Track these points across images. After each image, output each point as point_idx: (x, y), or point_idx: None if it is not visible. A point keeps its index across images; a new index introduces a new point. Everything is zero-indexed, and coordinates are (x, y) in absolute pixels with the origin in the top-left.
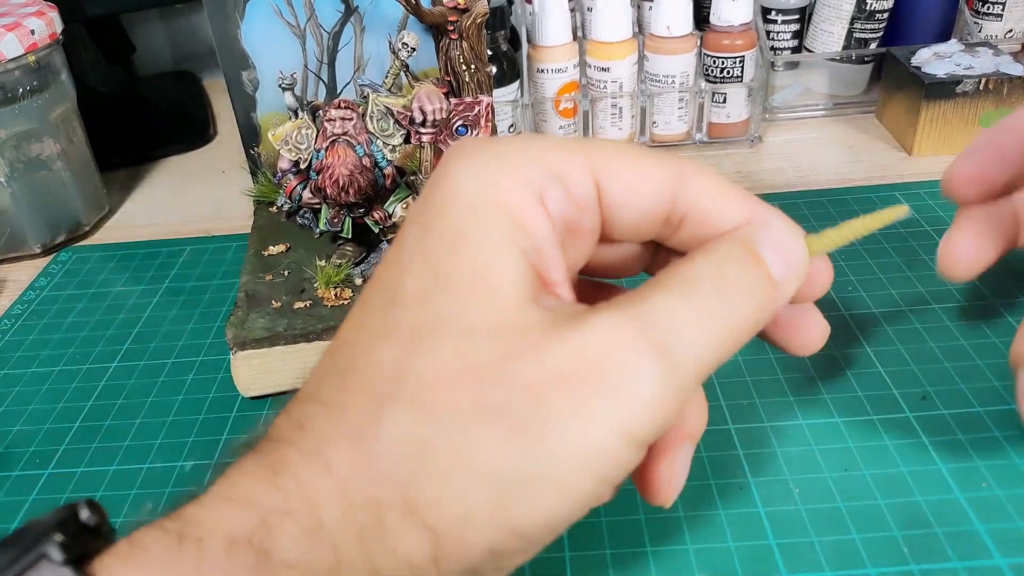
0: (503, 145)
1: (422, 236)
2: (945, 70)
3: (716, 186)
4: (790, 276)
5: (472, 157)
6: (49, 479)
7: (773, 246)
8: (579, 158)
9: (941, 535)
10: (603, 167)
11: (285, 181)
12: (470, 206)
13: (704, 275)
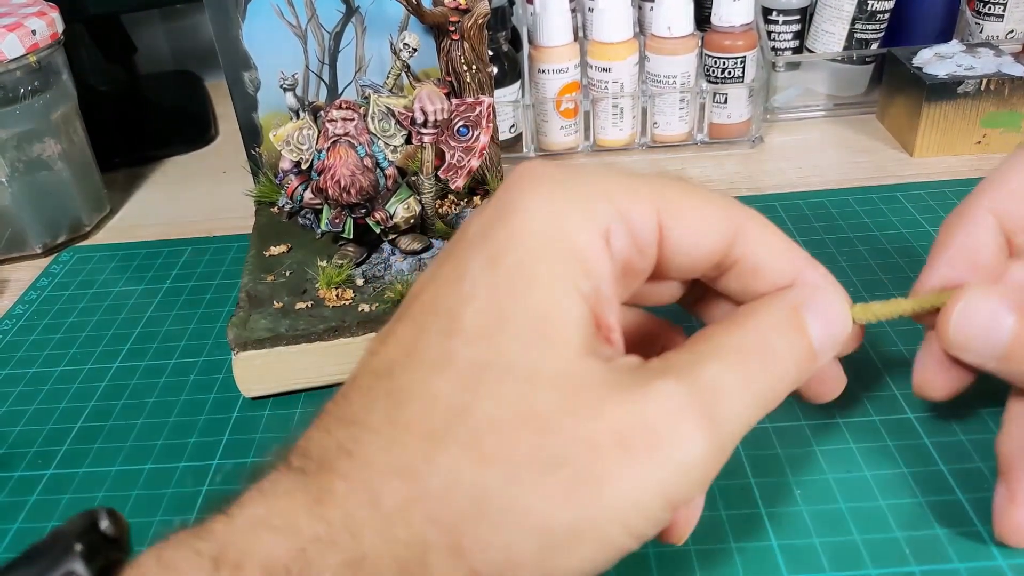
0: (573, 176)
1: (489, 268)
2: (946, 71)
3: (775, 241)
4: (830, 346)
5: (543, 186)
6: (51, 479)
7: (819, 315)
8: (647, 198)
9: (942, 536)
10: (668, 209)
11: (286, 181)
12: (539, 243)
13: (749, 344)
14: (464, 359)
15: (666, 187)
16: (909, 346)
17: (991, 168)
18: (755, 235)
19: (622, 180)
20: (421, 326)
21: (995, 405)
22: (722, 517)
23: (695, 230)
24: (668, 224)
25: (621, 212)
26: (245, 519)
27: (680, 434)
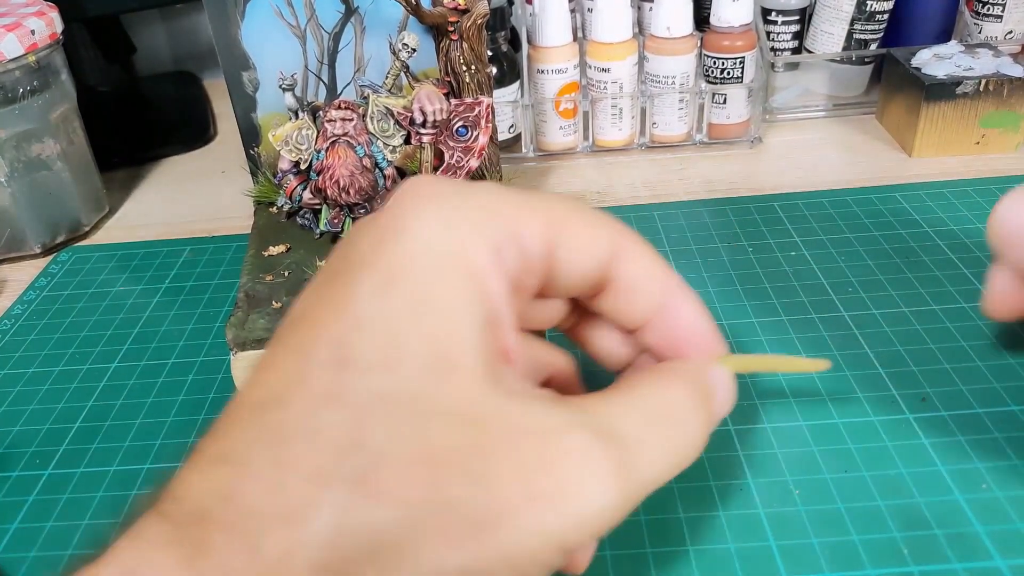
0: (463, 193)
1: (382, 293)
2: (945, 71)
3: (650, 262)
4: (724, 414)
5: (433, 203)
6: (49, 480)
7: (721, 388)
8: (538, 217)
9: (941, 536)
10: (557, 226)
11: (285, 182)
12: (435, 265)
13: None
14: (356, 392)
15: (556, 205)
16: (906, 347)
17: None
18: (633, 255)
19: (512, 197)
20: (307, 355)
21: (994, 406)
22: (720, 518)
23: (581, 247)
24: (556, 241)
25: (511, 229)
26: (112, 572)
27: (590, 486)
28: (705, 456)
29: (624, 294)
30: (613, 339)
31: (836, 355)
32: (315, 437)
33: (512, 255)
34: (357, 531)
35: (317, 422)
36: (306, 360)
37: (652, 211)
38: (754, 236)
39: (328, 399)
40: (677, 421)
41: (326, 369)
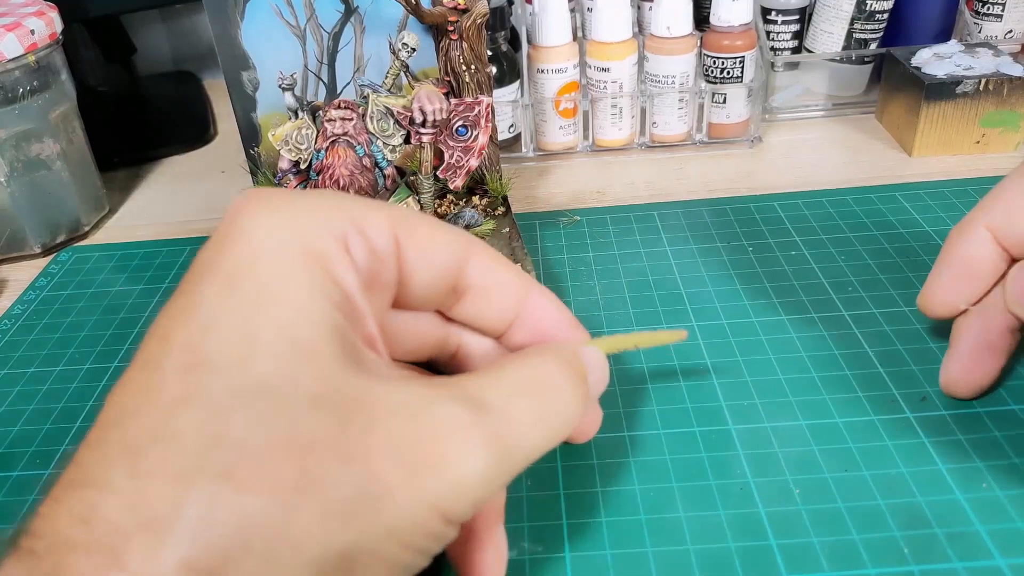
0: (302, 196)
1: (226, 293)
2: (945, 71)
3: (498, 265)
4: (598, 392)
5: (268, 205)
6: (50, 480)
7: (592, 367)
8: (379, 213)
9: (941, 535)
10: (401, 225)
11: (285, 181)
12: (275, 257)
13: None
14: (212, 391)
15: (397, 209)
16: (906, 346)
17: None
18: (481, 259)
19: (351, 198)
20: (155, 366)
21: (994, 405)
22: (720, 517)
23: (429, 246)
24: (403, 237)
25: (354, 222)
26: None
27: (461, 452)
28: (705, 455)
29: (481, 299)
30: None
31: (836, 355)
32: (172, 440)
33: (358, 246)
34: (228, 523)
35: (173, 426)
36: (156, 370)
37: (652, 211)
38: (754, 236)
39: (182, 402)
40: (548, 392)
41: (177, 374)
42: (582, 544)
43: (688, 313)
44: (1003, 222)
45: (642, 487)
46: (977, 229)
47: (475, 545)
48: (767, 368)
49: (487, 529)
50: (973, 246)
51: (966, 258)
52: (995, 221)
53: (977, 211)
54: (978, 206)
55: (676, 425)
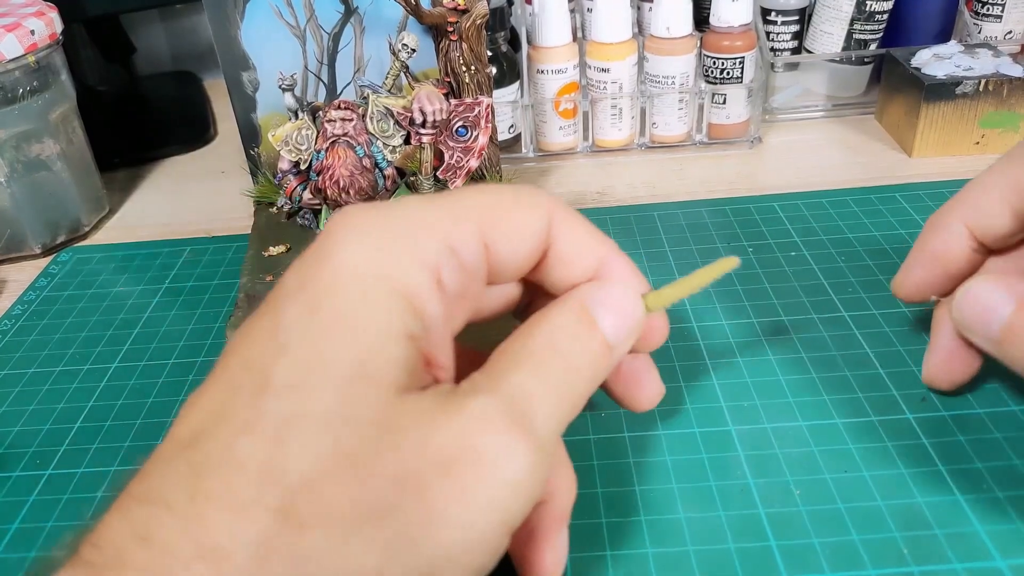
0: (395, 217)
1: (306, 316)
2: (945, 71)
3: (579, 229)
4: (625, 337)
5: (362, 229)
6: (49, 480)
7: (609, 308)
8: (469, 222)
9: (941, 536)
10: (490, 226)
11: (285, 182)
12: (362, 287)
13: (544, 348)
14: (273, 416)
15: (483, 201)
16: (907, 347)
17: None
18: (566, 225)
19: (443, 209)
20: (231, 386)
21: (994, 406)
22: (721, 518)
23: (517, 238)
24: (492, 239)
25: (447, 244)
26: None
27: (498, 446)
28: (705, 456)
29: (561, 262)
30: None
31: (836, 355)
32: (233, 467)
33: (451, 269)
34: (284, 557)
35: (235, 452)
36: (230, 392)
37: (652, 211)
38: (754, 236)
39: (246, 427)
40: (556, 358)
41: (246, 398)
42: (583, 545)
43: (688, 314)
44: (978, 217)
45: (642, 488)
46: (952, 223)
47: (534, 545)
48: (767, 369)
49: (549, 529)
50: (947, 239)
51: (939, 251)
52: (970, 216)
53: (952, 204)
54: (954, 199)
55: (676, 426)
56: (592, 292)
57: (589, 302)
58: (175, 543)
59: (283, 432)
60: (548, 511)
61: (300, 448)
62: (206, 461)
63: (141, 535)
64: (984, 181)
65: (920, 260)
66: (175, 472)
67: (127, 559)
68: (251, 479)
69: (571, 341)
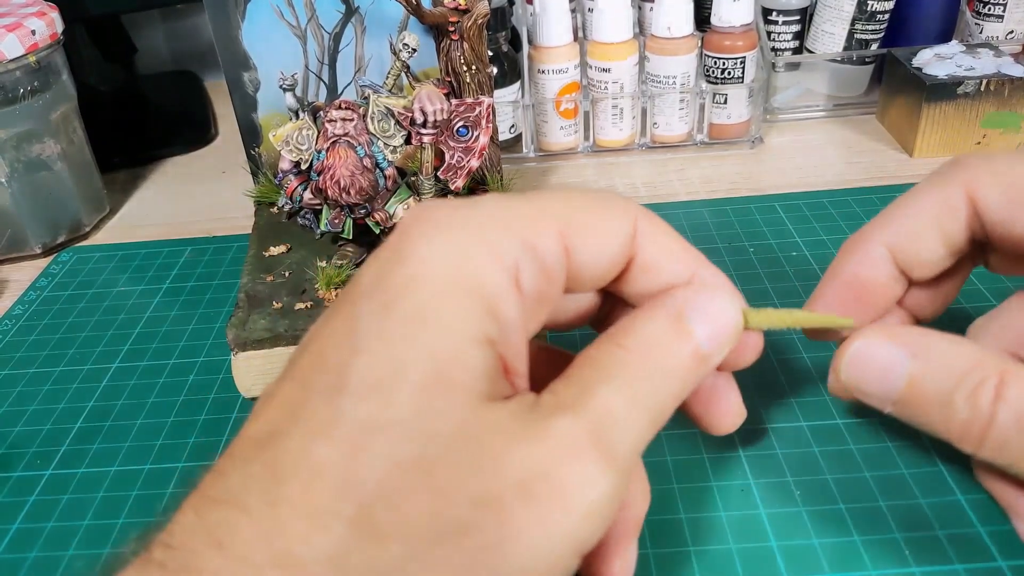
0: (473, 214)
1: (382, 316)
2: (946, 71)
3: (666, 239)
4: (720, 348)
5: (440, 226)
6: (50, 480)
7: (704, 315)
8: (550, 224)
9: (942, 537)
10: (571, 230)
11: (286, 182)
12: (439, 287)
13: (635, 360)
14: (351, 420)
15: (566, 204)
16: None
17: None
18: (649, 234)
19: (523, 208)
20: (307, 385)
21: None
22: (721, 518)
23: (599, 244)
24: (573, 244)
25: (527, 244)
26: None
27: (581, 474)
28: (706, 456)
29: (645, 274)
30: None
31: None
32: (311, 474)
33: (530, 271)
34: (358, 571)
35: (313, 457)
36: (305, 390)
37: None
38: (755, 236)
39: (323, 430)
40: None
41: (323, 398)
42: None
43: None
44: (904, 241)
45: None
46: (873, 246)
47: (604, 554)
48: (768, 369)
49: (620, 538)
50: (866, 264)
51: (857, 277)
52: (894, 239)
53: (874, 225)
54: (876, 220)
55: (677, 426)
56: (689, 297)
57: (686, 308)
58: (250, 548)
59: (361, 439)
60: (621, 521)
61: (378, 457)
62: (282, 464)
63: (215, 537)
64: (912, 201)
65: (833, 286)
66: (252, 474)
67: (201, 564)
68: (328, 485)
69: (664, 352)
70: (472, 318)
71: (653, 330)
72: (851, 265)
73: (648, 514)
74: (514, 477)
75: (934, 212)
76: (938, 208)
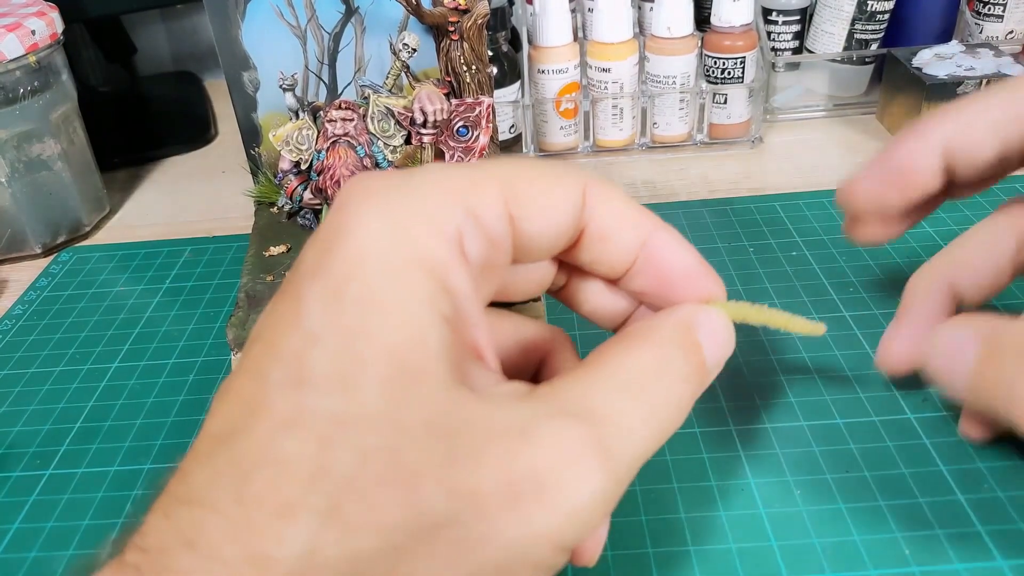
0: (412, 182)
1: (332, 303)
2: (946, 71)
3: (619, 204)
4: (719, 365)
5: (377, 197)
6: (50, 480)
7: (711, 334)
8: (492, 190)
9: (942, 537)
10: (515, 195)
11: (286, 182)
12: (384, 265)
13: (651, 371)
14: (317, 414)
15: (508, 170)
16: None
17: None
18: (602, 199)
19: (463, 174)
20: (263, 376)
21: None
22: (721, 518)
23: (546, 210)
24: (517, 209)
25: (469, 211)
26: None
27: (575, 477)
28: (706, 456)
29: (599, 241)
30: (603, 295)
31: (837, 355)
32: (278, 467)
33: (474, 238)
34: (333, 565)
35: (279, 451)
36: (263, 383)
37: (653, 211)
38: (755, 236)
39: (288, 424)
40: (659, 382)
41: (283, 390)
42: None
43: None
44: (963, 137)
45: (643, 488)
46: (931, 135)
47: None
48: (768, 369)
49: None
50: (919, 151)
51: (905, 162)
52: (954, 133)
53: (937, 118)
54: (939, 114)
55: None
56: (694, 314)
57: (693, 324)
58: (221, 547)
59: (329, 433)
60: None
61: (347, 450)
62: (248, 460)
63: (188, 540)
64: (979, 103)
65: (880, 168)
66: (216, 471)
67: (173, 564)
68: (297, 480)
69: (676, 365)
70: (423, 297)
71: (669, 345)
72: (902, 151)
73: (648, 514)
74: (497, 471)
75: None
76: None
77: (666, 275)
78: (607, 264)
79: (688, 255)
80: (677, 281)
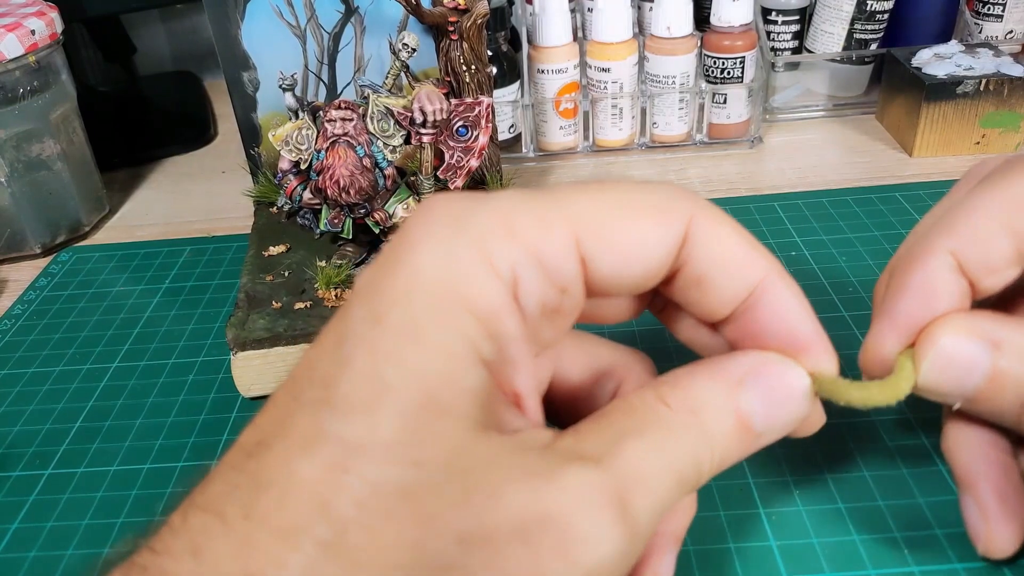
0: (474, 212)
1: (371, 327)
2: (945, 71)
3: (728, 243)
4: (778, 428)
5: (437, 228)
6: (49, 479)
7: (764, 393)
8: (562, 230)
9: (942, 536)
10: (589, 234)
11: (285, 182)
12: (431, 298)
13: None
14: (334, 438)
15: (585, 204)
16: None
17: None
18: (709, 236)
19: (530, 208)
20: (296, 394)
21: None
22: (721, 518)
23: (624, 253)
24: (592, 252)
25: (530, 250)
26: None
27: (591, 531)
28: None
29: (695, 285)
30: (699, 331)
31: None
32: (288, 489)
33: (532, 280)
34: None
35: (292, 471)
36: (295, 400)
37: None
38: (754, 236)
39: (306, 445)
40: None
41: (309, 410)
42: None
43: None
44: (971, 244)
45: None
46: (937, 256)
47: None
48: None
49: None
50: (933, 277)
51: (924, 293)
52: (960, 243)
53: (937, 235)
54: (935, 229)
55: None
56: (749, 368)
57: (743, 380)
58: (223, 563)
59: (343, 459)
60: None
61: (359, 479)
62: (263, 476)
63: (194, 547)
64: (975, 202)
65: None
66: (235, 483)
67: (173, 571)
68: (304, 504)
69: (712, 422)
70: (463, 337)
71: (704, 393)
72: (915, 278)
73: None
74: (512, 517)
75: (1002, 210)
76: (1005, 204)
77: (769, 334)
78: (704, 308)
79: (801, 316)
80: (780, 344)
